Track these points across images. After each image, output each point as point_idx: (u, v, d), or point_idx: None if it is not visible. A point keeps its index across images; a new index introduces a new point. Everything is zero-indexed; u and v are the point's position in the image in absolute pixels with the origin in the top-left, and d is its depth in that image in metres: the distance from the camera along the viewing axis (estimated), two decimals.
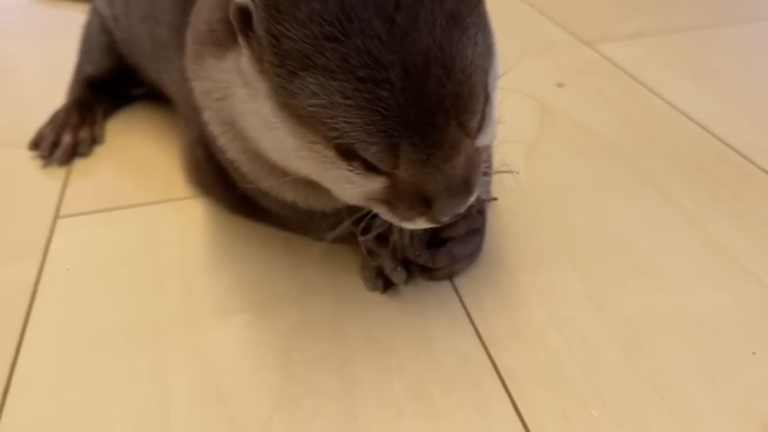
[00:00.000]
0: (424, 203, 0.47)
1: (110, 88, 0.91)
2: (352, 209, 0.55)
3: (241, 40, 0.47)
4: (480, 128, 0.47)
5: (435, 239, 0.57)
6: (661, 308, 0.55)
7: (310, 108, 0.44)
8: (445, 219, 0.47)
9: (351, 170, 0.47)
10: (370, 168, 0.46)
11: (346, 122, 0.43)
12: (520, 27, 1.10)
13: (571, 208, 0.67)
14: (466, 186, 0.47)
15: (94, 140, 0.85)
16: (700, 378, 0.50)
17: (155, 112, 0.90)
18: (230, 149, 0.55)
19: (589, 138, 0.79)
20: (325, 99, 0.43)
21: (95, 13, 0.92)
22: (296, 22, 0.43)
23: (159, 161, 0.80)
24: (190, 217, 0.71)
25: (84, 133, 0.84)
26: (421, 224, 0.48)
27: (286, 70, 0.44)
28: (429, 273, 0.59)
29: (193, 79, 0.56)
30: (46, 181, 0.79)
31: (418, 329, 0.55)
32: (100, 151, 0.85)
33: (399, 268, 0.57)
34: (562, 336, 0.54)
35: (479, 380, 0.51)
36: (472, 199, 0.48)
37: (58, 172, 0.80)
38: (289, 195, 0.57)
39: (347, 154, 0.46)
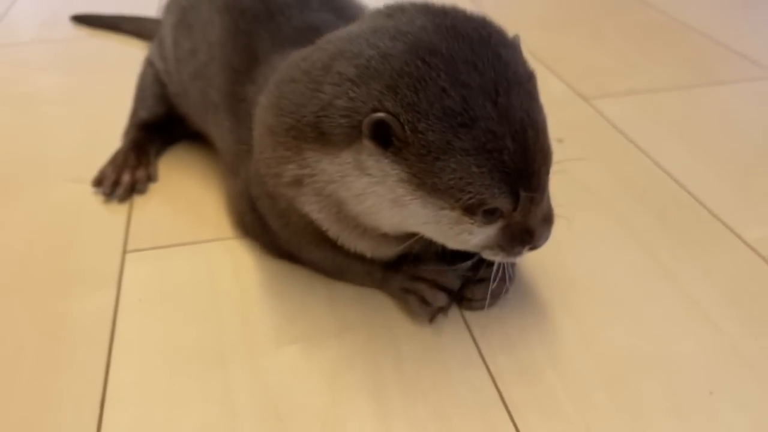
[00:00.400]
0: (529, 235, 0.62)
1: (162, 130, 1.03)
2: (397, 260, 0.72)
3: (369, 143, 0.59)
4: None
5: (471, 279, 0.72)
6: (639, 351, 0.67)
7: (449, 182, 0.58)
8: (542, 244, 0.64)
9: (472, 223, 0.61)
10: (489, 218, 0.61)
11: (480, 185, 0.58)
12: None
13: (568, 260, 0.79)
14: (551, 215, 0.64)
15: (149, 178, 0.97)
16: (669, 411, 0.62)
17: (201, 152, 1.01)
18: (321, 216, 0.68)
19: (584, 193, 0.91)
20: (462, 172, 0.57)
21: (150, 64, 1.04)
22: (435, 117, 0.56)
23: (208, 201, 0.92)
24: (241, 256, 0.82)
25: (140, 173, 0.96)
26: (524, 254, 0.64)
27: (431, 156, 0.57)
28: (468, 303, 0.72)
29: (276, 163, 0.67)
30: (111, 216, 0.90)
31: (439, 363, 0.67)
32: (154, 188, 0.96)
33: (439, 294, 0.70)
34: (558, 373, 0.66)
35: (489, 409, 0.62)
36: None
37: (120, 208, 0.92)
38: (364, 247, 0.70)
39: (472, 210, 0.59)
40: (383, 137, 0.58)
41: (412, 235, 0.66)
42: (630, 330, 0.70)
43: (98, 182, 0.95)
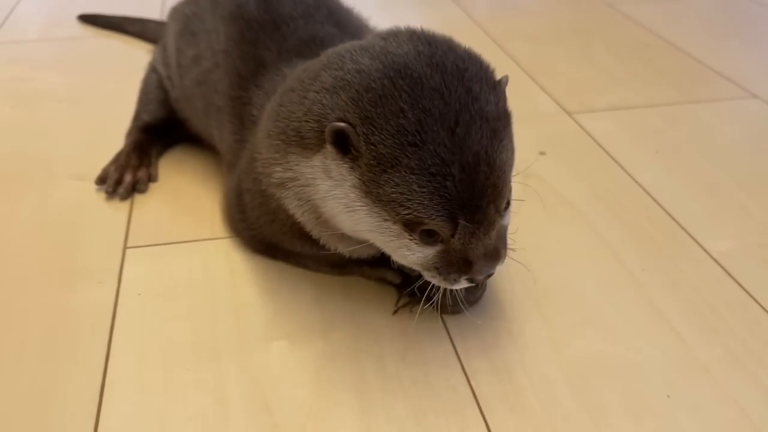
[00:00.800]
0: (467, 266, 0.65)
1: (163, 133, 1.07)
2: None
3: (331, 148, 0.64)
4: (505, 211, 0.66)
5: None
6: (604, 356, 0.72)
7: (391, 194, 0.62)
8: (480, 278, 0.66)
9: (411, 239, 0.64)
10: (427, 239, 0.64)
11: (419, 204, 0.61)
12: (515, 93, 1.26)
13: (542, 267, 0.84)
14: (497, 253, 0.65)
15: (150, 178, 1.01)
16: (627, 413, 0.67)
17: (199, 155, 1.06)
18: (304, 219, 0.74)
19: (562, 205, 0.96)
20: (404, 188, 0.61)
21: (153, 70, 1.09)
22: (388, 133, 0.61)
23: (206, 202, 0.97)
24: (235, 254, 0.87)
25: (141, 173, 1.00)
26: (460, 284, 0.67)
27: (379, 168, 0.61)
28: (444, 308, 0.76)
29: (268, 164, 0.73)
30: (113, 213, 0.95)
31: (418, 362, 0.72)
32: (155, 188, 1.01)
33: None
34: (527, 374, 0.71)
35: (463, 407, 0.67)
36: (501, 264, 0.66)
37: (121, 206, 0.96)
38: (340, 246, 0.75)
39: (411, 226, 0.63)
40: (344, 145, 0.63)
41: None
42: (597, 336, 0.75)
43: (101, 180, 0.99)
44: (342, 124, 0.62)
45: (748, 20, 1.70)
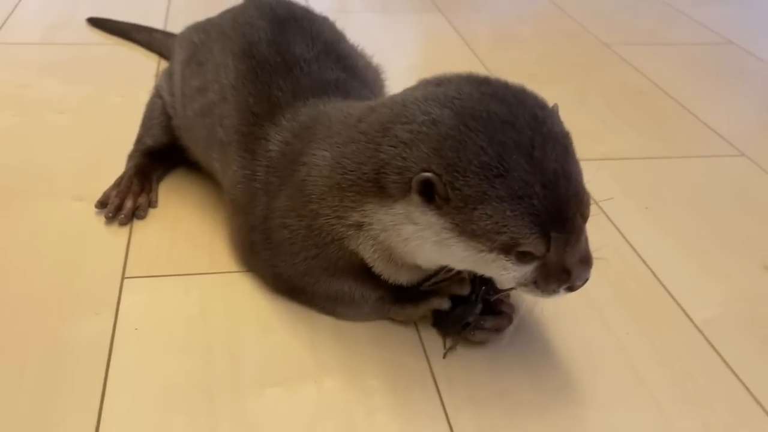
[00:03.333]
0: (566, 275, 0.70)
1: (165, 157, 1.08)
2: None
3: (417, 198, 0.69)
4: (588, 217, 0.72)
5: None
6: (585, 422, 0.75)
7: (486, 226, 0.67)
8: (579, 284, 0.71)
9: (508, 261, 0.70)
10: (523, 258, 0.69)
11: (513, 227, 0.67)
12: None
13: (531, 328, 0.86)
14: (590, 257, 0.71)
15: (150, 204, 1.03)
16: None
17: (200, 181, 1.07)
18: (372, 257, 0.78)
19: None
20: (498, 217, 0.67)
21: (158, 95, 1.10)
22: (473, 173, 0.66)
23: (205, 232, 0.98)
24: (232, 291, 0.89)
25: (142, 199, 1.01)
26: (559, 294, 0.72)
27: (468, 207, 0.67)
28: (472, 333, 0.81)
29: (343, 210, 0.77)
30: (112, 239, 0.96)
31: (406, 417, 0.74)
32: (154, 214, 1.02)
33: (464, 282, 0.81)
34: None
35: None
36: (592, 267, 0.72)
37: (121, 231, 0.98)
38: (402, 277, 0.81)
39: (507, 249, 0.69)
40: (429, 193, 0.68)
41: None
42: (579, 400, 0.78)
43: (102, 204, 1.00)
44: (428, 175, 0.67)
45: (741, 72, 1.73)
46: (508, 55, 1.68)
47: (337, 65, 0.94)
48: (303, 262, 0.83)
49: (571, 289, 0.71)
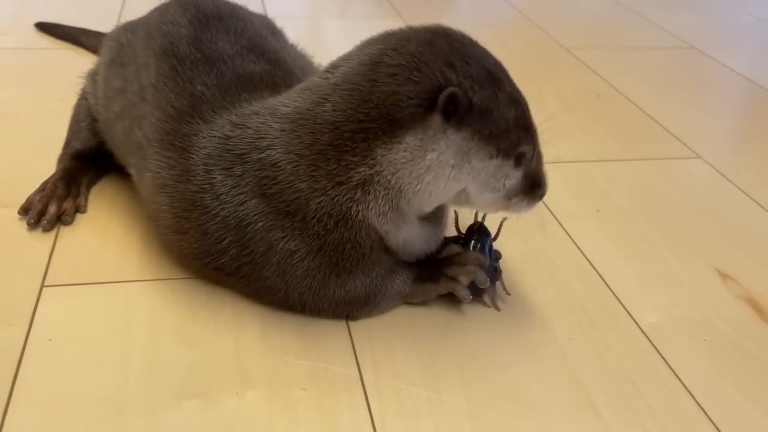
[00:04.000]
0: (538, 183, 0.79)
1: (95, 161, 1.04)
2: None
3: (439, 117, 0.71)
4: None
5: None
6: (519, 431, 0.71)
7: (501, 126, 0.73)
8: (545, 192, 0.80)
9: (510, 165, 0.75)
10: (517, 162, 0.76)
11: (516, 127, 0.74)
12: None
13: (470, 332, 0.83)
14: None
15: (78, 209, 0.98)
16: None
17: (133, 186, 1.02)
18: (379, 216, 0.76)
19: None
20: (507, 115, 0.73)
21: (84, 97, 1.06)
22: (484, 78, 0.72)
23: (134, 239, 0.94)
24: (158, 299, 0.84)
25: (68, 204, 0.97)
26: (535, 203, 0.80)
27: (487, 109, 0.72)
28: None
29: (343, 171, 0.74)
30: (34, 245, 0.92)
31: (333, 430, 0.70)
32: (82, 219, 0.98)
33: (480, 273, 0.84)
34: None
35: None
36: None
37: (44, 237, 0.93)
38: (406, 234, 0.81)
39: (508, 153, 0.74)
40: (448, 110, 0.71)
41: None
42: (515, 409, 0.74)
43: (24, 211, 0.96)
44: (454, 88, 0.69)
45: (702, 76, 1.72)
46: None
47: (261, 59, 0.90)
48: (301, 265, 0.77)
49: (542, 194, 0.80)
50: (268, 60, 0.91)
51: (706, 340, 0.85)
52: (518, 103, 0.74)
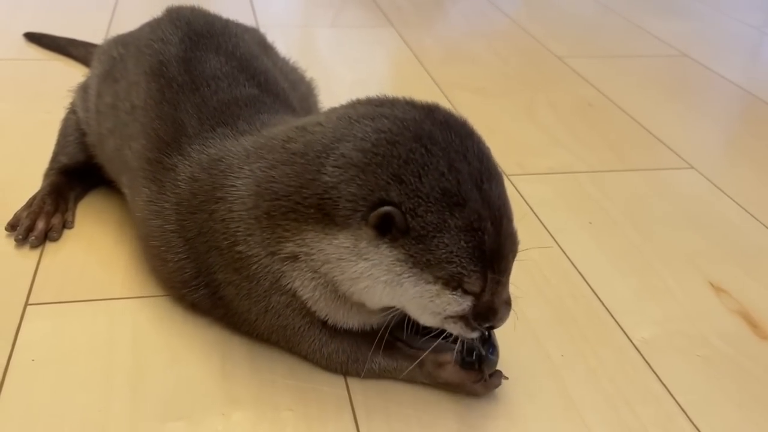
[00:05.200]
0: (492, 314, 0.68)
1: (82, 176, 1.03)
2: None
3: (371, 231, 0.65)
4: None
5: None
6: None
7: (441, 255, 0.64)
8: (500, 325, 0.69)
9: (452, 295, 0.67)
10: (462, 294, 0.67)
11: (464, 259, 0.64)
12: None
13: None
14: (510, 300, 0.70)
15: (65, 225, 0.97)
16: None
17: (119, 201, 1.01)
18: (312, 294, 0.72)
19: None
20: (453, 246, 0.64)
21: (72, 110, 1.05)
22: (435, 199, 0.64)
23: (120, 256, 0.92)
24: (143, 317, 0.83)
25: (56, 220, 0.95)
26: (477, 333, 0.69)
27: (429, 234, 0.64)
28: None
29: (274, 243, 0.70)
30: (20, 262, 0.90)
31: None
32: (69, 235, 0.96)
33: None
34: None
35: None
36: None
37: (30, 254, 0.92)
38: (352, 322, 0.74)
39: (451, 285, 0.66)
40: (384, 226, 0.64)
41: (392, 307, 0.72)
42: (507, 429, 0.73)
43: (11, 227, 0.94)
44: (390, 209, 0.63)
45: (695, 84, 1.71)
46: (458, 69, 1.65)
47: (251, 81, 0.88)
48: (261, 323, 0.76)
49: (491, 328, 0.70)
50: (258, 83, 0.89)
51: (699, 356, 0.84)
52: (477, 230, 0.64)
